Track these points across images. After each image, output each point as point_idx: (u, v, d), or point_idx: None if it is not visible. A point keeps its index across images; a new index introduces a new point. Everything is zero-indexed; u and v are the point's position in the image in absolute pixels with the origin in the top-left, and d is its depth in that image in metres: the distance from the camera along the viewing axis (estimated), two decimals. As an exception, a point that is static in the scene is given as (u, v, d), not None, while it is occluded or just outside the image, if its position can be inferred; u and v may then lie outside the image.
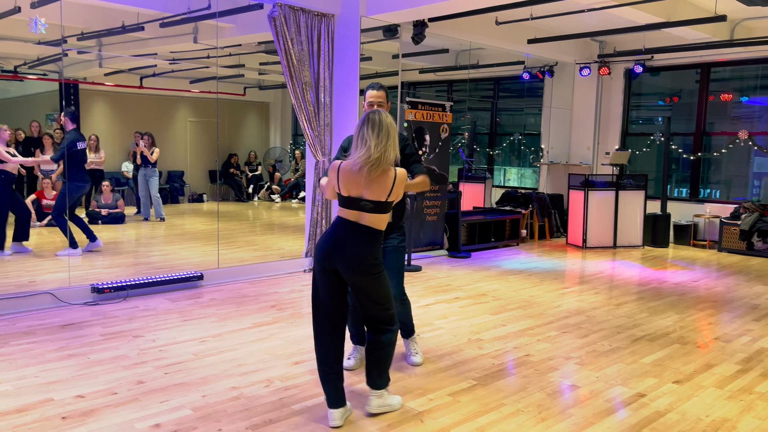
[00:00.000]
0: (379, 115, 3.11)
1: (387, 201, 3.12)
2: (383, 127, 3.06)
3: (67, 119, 7.09)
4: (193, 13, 7.15)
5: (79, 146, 7.10)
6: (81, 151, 7.15)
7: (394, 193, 3.12)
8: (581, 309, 5.64)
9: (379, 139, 3.04)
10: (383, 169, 3.07)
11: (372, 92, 3.90)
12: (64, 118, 7.14)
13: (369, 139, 3.04)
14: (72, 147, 6.98)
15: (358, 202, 3.10)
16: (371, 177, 3.06)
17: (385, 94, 3.92)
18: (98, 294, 5.39)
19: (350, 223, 3.13)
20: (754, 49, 8.87)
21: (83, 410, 3.25)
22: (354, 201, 3.11)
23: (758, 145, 9.33)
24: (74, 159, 7.05)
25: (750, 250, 8.89)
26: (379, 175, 3.07)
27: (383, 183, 3.08)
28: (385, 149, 3.04)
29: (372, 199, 3.09)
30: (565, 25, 9.00)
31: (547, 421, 3.28)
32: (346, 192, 3.12)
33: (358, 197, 3.10)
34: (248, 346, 4.34)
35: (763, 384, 3.89)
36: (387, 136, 3.06)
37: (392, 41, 7.90)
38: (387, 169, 3.09)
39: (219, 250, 7.36)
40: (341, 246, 3.10)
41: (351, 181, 3.10)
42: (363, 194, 3.09)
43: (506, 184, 12.33)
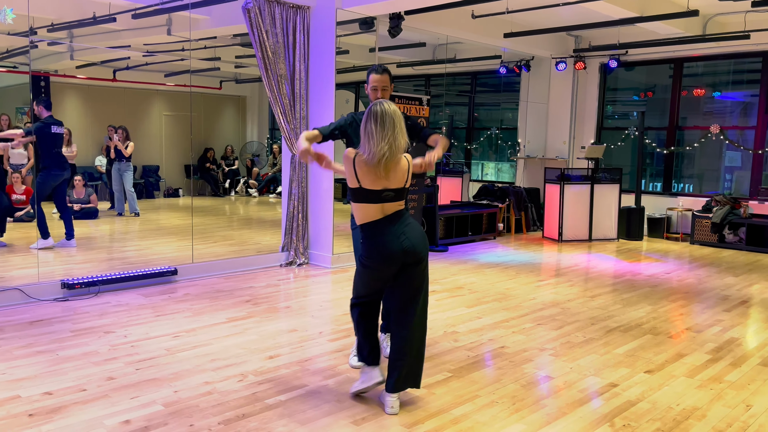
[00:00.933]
0: (382, 107, 3.12)
1: (405, 187, 3.22)
2: (387, 118, 3.08)
3: (42, 107, 6.91)
4: (166, 3, 7.04)
5: (54, 129, 6.89)
6: (56, 135, 6.92)
7: (410, 179, 3.25)
8: (556, 301, 5.68)
9: (386, 132, 3.07)
10: (397, 159, 3.13)
11: (375, 76, 3.81)
12: (38, 107, 6.96)
13: (376, 134, 3.07)
14: (45, 129, 6.78)
15: (381, 194, 3.15)
16: (388, 168, 3.11)
17: (388, 77, 3.84)
18: (69, 290, 5.29)
19: (386, 219, 3.18)
20: (726, 44, 9.01)
21: (51, 407, 3.19)
22: (376, 193, 3.15)
23: (730, 140, 9.48)
24: (47, 144, 6.85)
25: (721, 243, 9.04)
26: (395, 165, 3.14)
27: (400, 171, 3.17)
28: (395, 139, 3.08)
29: (393, 188, 3.17)
30: (540, 19, 9.04)
31: (520, 412, 3.29)
32: (370, 185, 3.14)
33: (380, 189, 3.14)
34: (222, 341, 4.29)
35: (732, 373, 3.96)
36: (393, 126, 3.09)
37: (369, 34, 7.86)
38: (400, 158, 3.16)
39: (194, 244, 7.28)
40: (411, 241, 3.16)
41: (370, 174, 3.12)
42: (385, 185, 3.15)
43: (484, 179, 12.38)
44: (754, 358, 4.26)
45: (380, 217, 3.18)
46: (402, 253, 3.15)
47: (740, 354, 4.33)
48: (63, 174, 7.01)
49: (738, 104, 9.84)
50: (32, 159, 8.03)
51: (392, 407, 3.24)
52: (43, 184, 6.88)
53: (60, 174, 6.97)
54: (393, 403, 3.25)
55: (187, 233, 8.45)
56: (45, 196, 6.98)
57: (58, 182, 7.01)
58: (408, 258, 3.17)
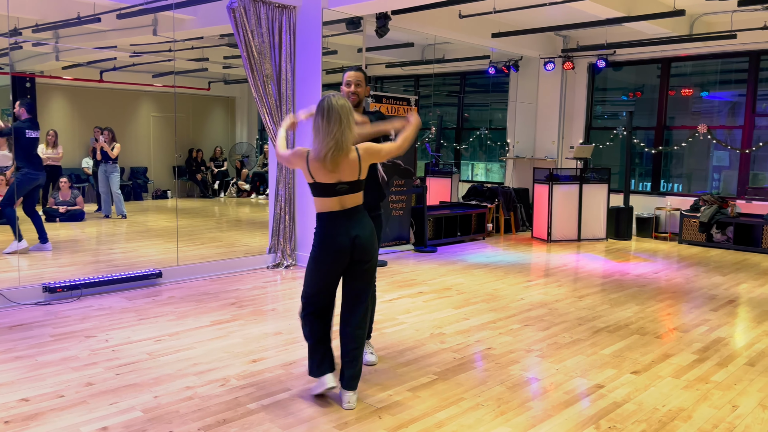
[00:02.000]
0: (329, 101, 3.13)
1: (360, 179, 3.23)
2: (333, 112, 3.10)
3: (23, 109, 6.86)
4: (150, 3, 6.97)
5: (29, 134, 6.84)
6: (30, 140, 6.87)
7: (364, 170, 3.23)
8: (544, 302, 5.66)
9: (331, 126, 3.09)
10: (345, 152, 3.12)
11: (347, 73, 3.84)
12: (19, 109, 6.90)
13: (322, 129, 3.11)
14: (19, 133, 6.73)
15: (334, 188, 3.18)
16: (336, 162, 3.12)
17: (363, 75, 3.86)
18: (50, 293, 5.21)
19: (341, 213, 3.22)
20: (712, 43, 9.03)
21: (27, 414, 3.12)
22: (331, 187, 3.18)
23: (718, 139, 9.51)
24: (22, 146, 6.79)
25: (709, 242, 9.06)
26: (343, 158, 3.13)
27: (350, 164, 3.17)
28: (342, 134, 3.09)
29: (347, 180, 3.18)
30: (528, 19, 9.04)
31: (505, 415, 3.26)
32: (323, 179, 3.17)
33: (333, 183, 3.17)
34: (205, 345, 4.24)
35: (719, 373, 3.94)
36: (338, 120, 3.10)
37: (357, 34, 7.83)
38: (349, 151, 3.15)
39: (179, 246, 7.21)
40: (359, 236, 3.20)
41: (320, 169, 3.16)
42: (338, 178, 3.17)
43: (473, 179, 12.36)
44: (740, 358, 4.25)
45: (337, 210, 3.22)
46: (351, 248, 3.20)
47: (727, 354, 4.32)
48: (37, 177, 6.92)
49: (725, 104, 9.87)
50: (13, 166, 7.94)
51: (349, 402, 3.30)
52: (19, 186, 6.81)
53: (35, 177, 6.87)
54: (350, 398, 3.31)
55: (174, 235, 8.37)
56: (27, 200, 6.89)
57: (32, 186, 6.91)
58: (356, 255, 3.22)
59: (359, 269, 3.27)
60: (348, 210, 3.23)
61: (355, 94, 3.84)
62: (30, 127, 6.84)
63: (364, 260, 3.25)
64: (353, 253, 3.21)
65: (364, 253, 3.23)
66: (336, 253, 3.21)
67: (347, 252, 3.20)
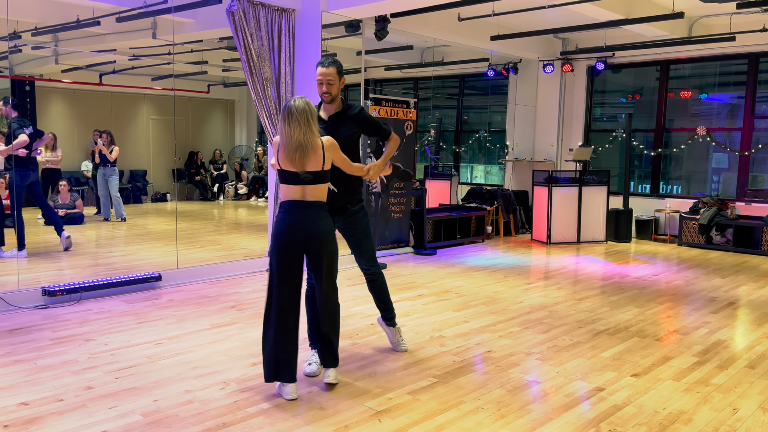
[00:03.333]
0: (291, 104, 3.34)
1: (323, 170, 3.43)
2: (293, 117, 3.32)
3: (9, 108, 6.88)
4: (150, 7, 6.97)
5: (27, 131, 6.86)
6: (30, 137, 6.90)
7: (328, 161, 3.44)
8: (544, 304, 5.66)
9: (292, 130, 3.32)
10: (310, 148, 3.36)
11: (320, 69, 3.74)
12: (5, 108, 6.92)
13: (285, 133, 3.35)
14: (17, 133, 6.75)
15: (298, 176, 3.39)
16: (304, 161, 3.37)
17: (335, 69, 3.73)
18: (49, 297, 5.20)
19: (304, 203, 3.42)
20: (711, 46, 9.05)
21: (26, 418, 3.11)
22: (294, 175, 3.39)
23: (717, 141, 9.52)
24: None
25: (708, 244, 9.06)
26: (311, 152, 3.37)
27: (316, 156, 3.39)
28: (303, 135, 3.33)
29: (311, 170, 3.39)
30: (527, 22, 9.05)
31: (506, 418, 3.25)
32: (289, 167, 3.39)
33: (300, 171, 3.38)
34: (205, 348, 4.23)
35: (719, 376, 3.94)
36: (299, 124, 3.31)
37: (355, 37, 7.83)
38: (314, 145, 3.38)
39: (179, 249, 7.20)
40: (309, 225, 3.40)
41: (287, 161, 3.39)
42: (302, 168, 3.38)
43: (473, 181, 12.37)
44: (741, 360, 4.24)
45: (299, 200, 3.42)
46: (304, 237, 3.39)
47: (727, 356, 4.32)
48: (29, 175, 6.91)
49: (724, 106, 9.88)
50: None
51: (329, 376, 3.60)
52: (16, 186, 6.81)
53: (27, 174, 6.87)
54: (329, 373, 3.61)
55: (173, 238, 8.36)
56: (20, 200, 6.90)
57: (26, 182, 6.90)
58: (309, 244, 3.42)
59: (316, 255, 3.47)
60: (309, 202, 3.42)
61: (328, 93, 3.77)
62: (25, 125, 6.87)
63: (318, 246, 3.44)
64: (306, 241, 3.40)
65: (317, 240, 3.42)
66: (290, 238, 3.39)
67: (300, 241, 3.40)
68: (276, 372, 3.41)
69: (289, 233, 3.39)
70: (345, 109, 3.91)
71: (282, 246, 3.40)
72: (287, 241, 3.39)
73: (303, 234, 3.39)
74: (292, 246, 3.40)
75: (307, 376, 3.75)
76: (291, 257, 3.41)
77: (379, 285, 4.15)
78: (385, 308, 4.22)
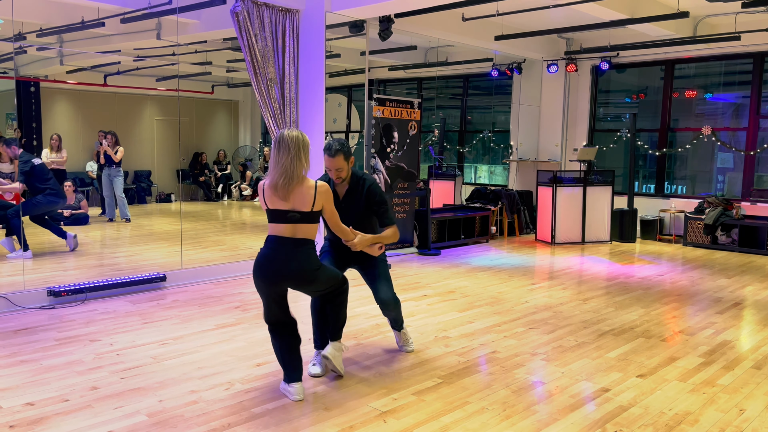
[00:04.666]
0: (283, 134, 3.27)
1: (313, 211, 3.32)
2: (284, 143, 3.24)
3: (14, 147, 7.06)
4: (154, 8, 6.98)
5: (36, 162, 6.95)
6: (40, 166, 6.98)
7: (318, 204, 3.32)
8: (549, 305, 5.65)
9: (280, 156, 3.23)
10: (297, 181, 3.25)
11: (326, 158, 3.74)
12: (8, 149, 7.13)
13: (273, 158, 3.27)
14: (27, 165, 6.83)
15: (286, 214, 3.29)
16: (288, 190, 3.25)
17: (343, 157, 3.71)
18: (55, 297, 5.22)
19: (286, 240, 3.31)
20: (716, 45, 9.01)
21: (32, 418, 3.12)
22: (282, 213, 3.29)
23: (722, 141, 9.49)
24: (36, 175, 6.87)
25: (714, 244, 9.03)
26: (296, 186, 3.26)
27: (304, 194, 3.28)
28: (291, 162, 3.22)
29: (299, 210, 3.28)
30: (531, 21, 9.03)
31: (511, 419, 3.25)
32: (276, 206, 3.29)
33: (286, 210, 3.28)
34: (210, 348, 4.24)
35: (725, 377, 3.92)
36: (287, 150, 3.22)
37: (360, 38, 7.83)
38: (303, 181, 3.28)
39: (183, 250, 7.21)
40: (285, 264, 3.30)
41: (274, 197, 3.29)
42: (290, 206, 3.29)
43: (477, 182, 12.35)
44: (747, 361, 4.23)
45: (286, 236, 3.31)
46: (282, 276, 3.31)
47: (733, 357, 4.30)
48: (59, 202, 7.15)
49: (730, 105, 9.84)
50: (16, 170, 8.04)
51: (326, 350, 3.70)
52: (37, 206, 6.88)
53: (56, 202, 7.08)
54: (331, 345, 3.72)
55: (178, 239, 8.38)
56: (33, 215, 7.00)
57: (51, 209, 7.08)
58: (288, 282, 3.36)
59: (301, 289, 3.49)
60: (296, 240, 3.31)
61: (339, 178, 3.82)
62: (31, 157, 6.96)
63: (300, 285, 3.43)
64: (285, 282, 3.35)
65: (296, 281, 3.37)
66: (263, 273, 3.33)
67: (271, 277, 3.33)
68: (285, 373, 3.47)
69: (266, 269, 3.31)
70: (355, 185, 3.92)
71: (259, 280, 3.35)
72: (263, 275, 3.32)
73: (280, 273, 3.30)
74: (268, 281, 3.33)
75: (311, 376, 3.75)
76: (270, 290, 3.37)
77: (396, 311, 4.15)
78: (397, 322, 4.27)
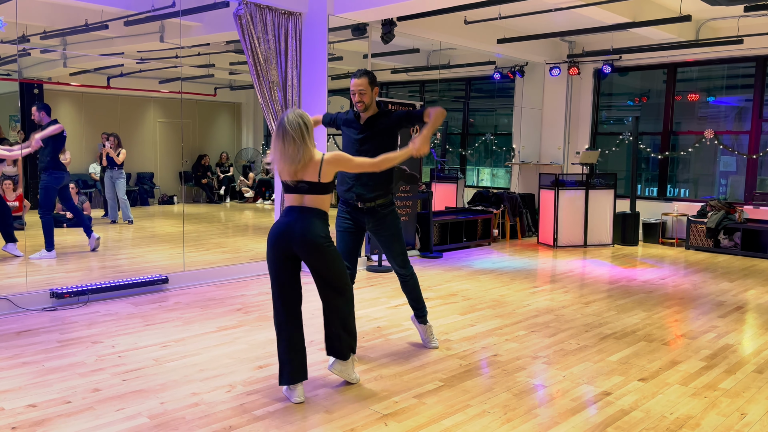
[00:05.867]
0: (282, 121, 3.32)
1: (320, 182, 3.40)
2: (287, 131, 3.29)
3: (43, 113, 6.95)
4: (158, 11, 7.01)
5: (64, 133, 6.98)
6: (64, 138, 7.01)
7: (325, 175, 3.39)
8: (550, 308, 5.64)
9: (286, 147, 3.30)
10: (306, 159, 3.35)
11: (354, 80, 3.93)
12: (38, 113, 6.97)
13: (278, 148, 3.33)
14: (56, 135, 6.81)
15: (296, 185, 3.41)
16: (298, 169, 3.37)
17: (367, 80, 3.93)
18: (57, 299, 5.23)
19: (296, 207, 3.42)
20: (719, 49, 9.01)
21: (34, 420, 3.13)
22: (292, 184, 3.42)
23: (724, 144, 9.48)
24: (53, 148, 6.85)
25: (716, 248, 9.02)
26: (305, 166, 3.37)
27: (311, 167, 3.38)
28: (297, 151, 3.30)
29: (308, 180, 3.38)
30: (534, 25, 9.04)
31: (512, 422, 3.25)
32: (283, 177, 3.42)
33: (296, 180, 3.40)
34: (211, 351, 4.24)
35: (727, 380, 3.91)
36: (292, 141, 3.29)
37: (362, 40, 7.85)
38: (311, 156, 3.37)
39: (185, 252, 7.23)
40: (292, 227, 3.37)
41: (284, 172, 3.41)
42: (299, 178, 3.39)
43: (479, 184, 12.36)
44: (749, 365, 4.22)
45: (296, 205, 3.42)
46: (289, 240, 3.35)
47: (735, 361, 4.29)
48: (64, 176, 7.03)
49: (732, 109, 9.84)
50: (20, 172, 8.01)
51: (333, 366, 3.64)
52: (49, 189, 6.84)
53: (62, 176, 6.97)
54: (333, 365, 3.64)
55: (180, 241, 8.39)
56: (53, 201, 6.96)
57: (61, 185, 6.99)
58: (296, 247, 3.36)
59: (310, 261, 3.42)
60: (305, 208, 3.41)
61: (361, 102, 3.97)
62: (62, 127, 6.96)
63: (307, 251, 3.38)
64: (294, 247, 3.36)
65: (303, 248, 3.36)
66: (275, 239, 3.38)
67: (283, 242, 3.36)
68: (284, 374, 3.42)
69: (276, 234, 3.39)
70: (382, 113, 4.07)
71: (269, 248, 3.42)
72: (273, 242, 3.39)
73: (288, 237, 3.35)
74: (278, 248, 3.39)
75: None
76: (279, 260, 3.40)
77: (411, 285, 4.32)
78: (417, 307, 4.37)
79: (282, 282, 3.43)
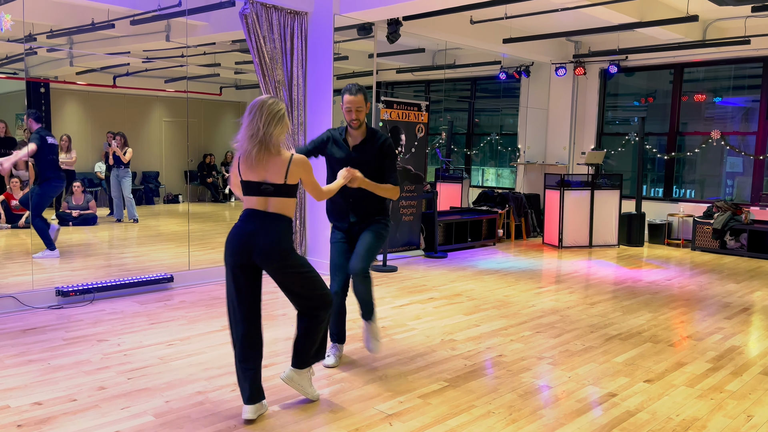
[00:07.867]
0: (258, 99, 3.09)
1: (287, 184, 3.11)
2: (255, 108, 3.04)
3: (31, 120, 6.93)
4: (164, 10, 7.02)
5: (49, 140, 6.93)
6: (52, 146, 6.96)
7: (292, 176, 3.11)
8: (556, 308, 5.63)
9: (254, 120, 3.02)
10: (273, 151, 3.07)
11: (348, 97, 3.77)
12: (28, 120, 6.98)
13: (246, 123, 3.06)
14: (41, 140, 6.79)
15: (259, 186, 3.10)
16: (260, 158, 3.05)
17: (363, 97, 3.77)
18: (63, 297, 5.25)
19: (259, 213, 3.12)
20: (726, 49, 8.97)
21: (40, 418, 3.14)
22: (255, 185, 3.11)
23: (731, 145, 9.44)
24: (44, 154, 6.84)
25: (722, 249, 8.98)
26: (271, 156, 3.07)
27: (278, 164, 3.09)
28: (266, 128, 3.02)
29: (272, 182, 3.09)
30: (539, 24, 9.02)
31: (517, 423, 3.24)
32: (249, 177, 3.11)
33: (259, 181, 3.10)
34: (216, 349, 4.25)
35: (733, 382, 3.90)
36: (261, 116, 3.02)
37: (368, 40, 7.85)
38: (279, 152, 3.09)
39: (190, 251, 7.23)
40: (255, 237, 3.09)
41: (247, 166, 3.10)
42: (263, 178, 3.09)
43: (484, 184, 12.34)
44: (755, 366, 4.20)
45: (258, 209, 3.12)
46: (249, 249, 3.08)
47: (741, 363, 4.27)
48: (61, 184, 7.03)
49: (739, 110, 9.79)
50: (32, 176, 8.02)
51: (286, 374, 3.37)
52: (43, 196, 6.86)
53: (59, 185, 6.97)
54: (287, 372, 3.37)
55: (185, 240, 8.41)
56: (44, 208, 6.96)
57: (57, 194, 7.02)
58: (257, 257, 3.09)
59: (271, 271, 3.15)
60: (269, 214, 3.11)
61: (356, 120, 3.80)
62: (48, 134, 6.93)
63: (266, 262, 3.11)
64: (254, 258, 3.09)
65: (263, 257, 3.09)
66: (232, 247, 3.12)
67: (240, 251, 3.09)
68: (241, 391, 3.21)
69: (236, 244, 3.09)
70: (369, 138, 3.87)
71: (228, 256, 3.13)
72: (232, 251, 3.11)
73: (249, 248, 3.07)
74: (238, 258, 3.10)
75: (326, 367, 3.89)
76: (238, 268, 3.12)
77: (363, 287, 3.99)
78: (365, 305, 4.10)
79: (242, 293, 3.15)
